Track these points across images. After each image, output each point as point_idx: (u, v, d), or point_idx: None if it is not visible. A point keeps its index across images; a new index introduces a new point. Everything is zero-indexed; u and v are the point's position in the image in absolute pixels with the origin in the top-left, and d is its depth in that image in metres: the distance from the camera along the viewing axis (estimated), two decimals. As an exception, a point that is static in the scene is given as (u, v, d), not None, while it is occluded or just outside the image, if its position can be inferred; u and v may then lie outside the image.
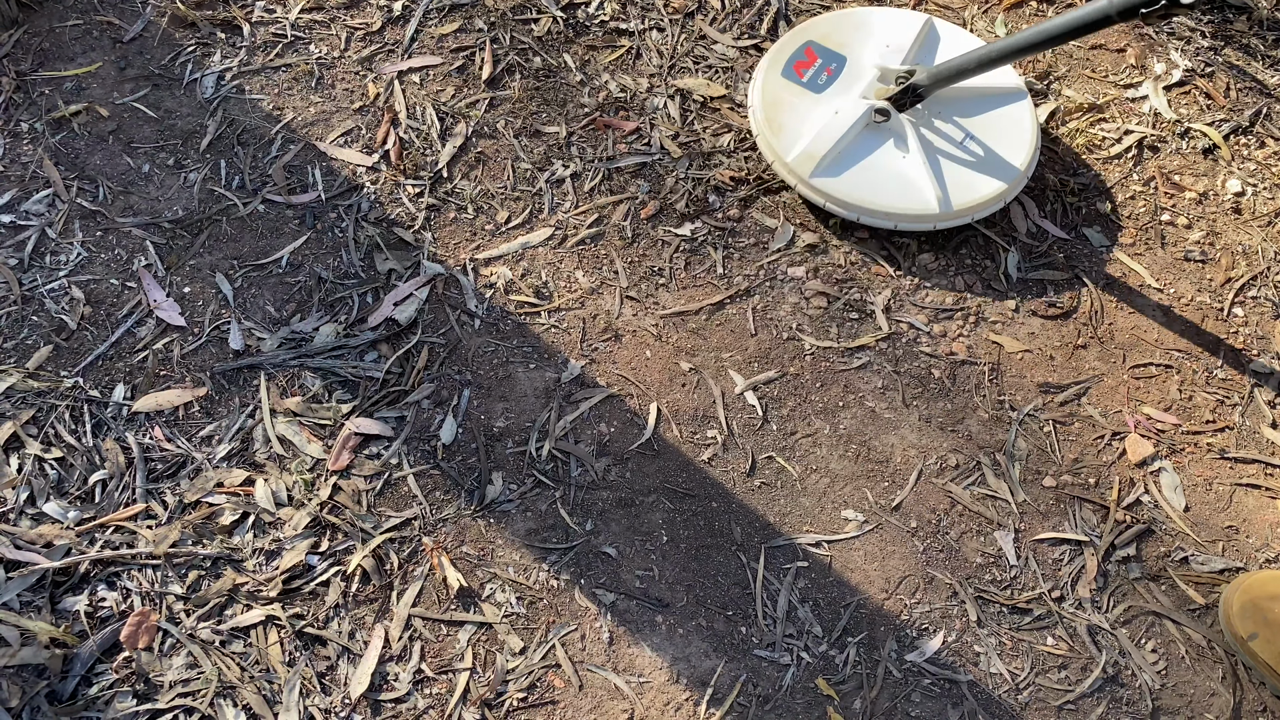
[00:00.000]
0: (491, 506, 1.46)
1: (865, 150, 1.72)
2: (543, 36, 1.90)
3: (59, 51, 1.82)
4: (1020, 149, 1.72)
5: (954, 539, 1.48)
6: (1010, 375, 1.62)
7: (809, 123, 1.74)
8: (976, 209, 1.68)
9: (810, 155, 1.70)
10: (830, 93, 1.77)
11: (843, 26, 1.85)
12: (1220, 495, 1.53)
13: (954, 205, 1.66)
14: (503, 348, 1.60)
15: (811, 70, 1.79)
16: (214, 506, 1.43)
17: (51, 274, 1.60)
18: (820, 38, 1.83)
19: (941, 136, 1.74)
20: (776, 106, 1.76)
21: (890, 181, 1.69)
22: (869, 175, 1.70)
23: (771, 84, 1.78)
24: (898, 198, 1.67)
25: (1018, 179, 1.70)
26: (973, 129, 1.75)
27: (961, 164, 1.71)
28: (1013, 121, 1.75)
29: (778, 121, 1.74)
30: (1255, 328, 1.68)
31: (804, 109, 1.76)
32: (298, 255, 1.65)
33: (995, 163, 1.71)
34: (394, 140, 1.77)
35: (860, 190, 1.68)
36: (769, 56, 1.81)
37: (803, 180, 1.70)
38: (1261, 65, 1.97)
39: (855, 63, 1.80)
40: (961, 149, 1.73)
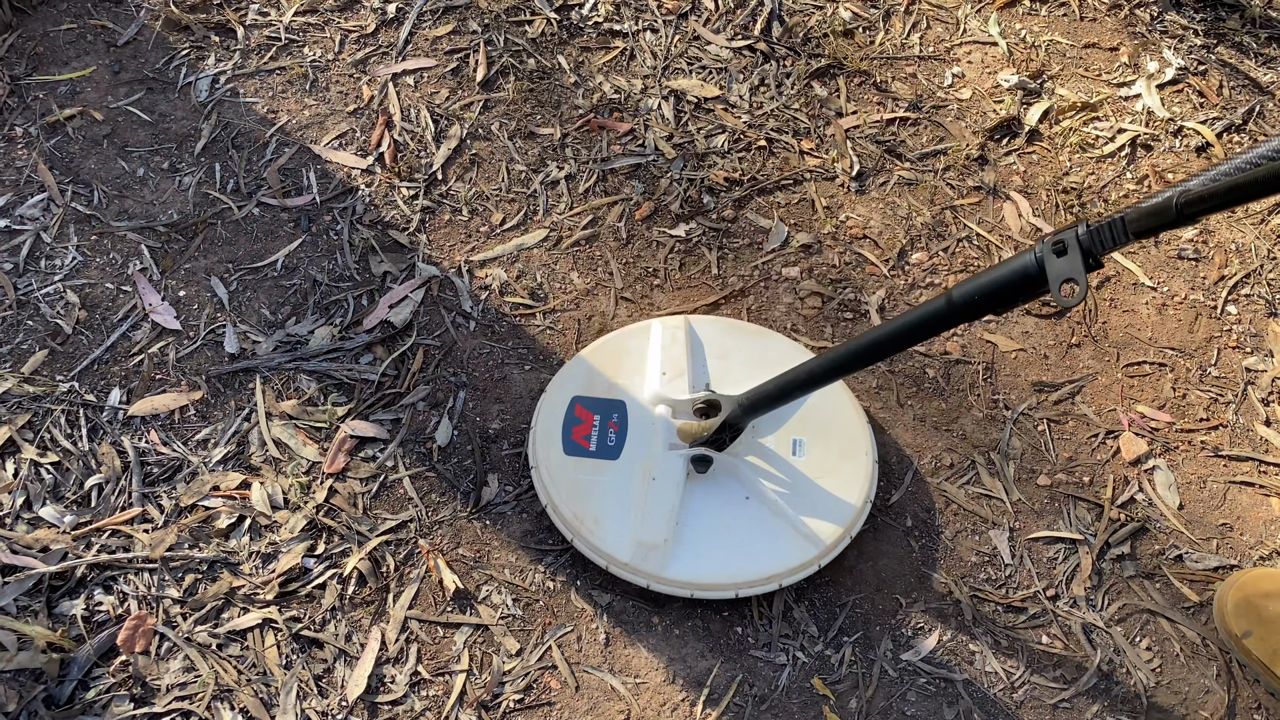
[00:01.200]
0: (487, 508, 1.46)
1: (702, 510, 1.42)
2: (537, 38, 1.90)
3: (53, 56, 1.82)
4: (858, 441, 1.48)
5: (949, 538, 1.48)
6: (1004, 374, 1.62)
7: (624, 501, 1.41)
8: (852, 528, 1.43)
9: (648, 544, 1.37)
10: (630, 453, 1.45)
11: (603, 365, 1.53)
12: (1214, 493, 1.54)
13: (826, 540, 1.40)
14: (498, 349, 1.60)
15: (595, 432, 1.46)
16: (210, 510, 1.43)
17: (46, 278, 1.60)
18: (585, 389, 1.50)
19: (772, 461, 1.46)
20: (577, 495, 1.41)
21: (751, 537, 1.40)
22: (723, 539, 1.40)
23: (560, 469, 1.43)
24: (770, 554, 1.39)
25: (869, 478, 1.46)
26: (798, 435, 1.48)
27: (807, 485, 1.45)
28: (832, 406, 1.51)
29: (588, 513, 1.40)
30: (1248, 325, 1.68)
31: (609, 485, 1.42)
32: (293, 258, 1.65)
33: (840, 469, 1.46)
34: (388, 143, 1.77)
35: (726, 561, 1.38)
36: (539, 434, 1.46)
37: (656, 578, 1.37)
38: (1254, 63, 1.97)
39: (636, 405, 1.48)
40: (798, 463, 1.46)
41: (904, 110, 1.88)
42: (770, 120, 1.85)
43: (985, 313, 1.06)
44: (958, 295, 1.06)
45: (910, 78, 1.93)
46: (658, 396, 1.48)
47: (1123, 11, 2.04)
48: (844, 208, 1.77)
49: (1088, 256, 0.96)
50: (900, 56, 1.95)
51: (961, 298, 1.05)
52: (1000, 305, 1.04)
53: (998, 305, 1.04)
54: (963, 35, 2.00)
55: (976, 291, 1.04)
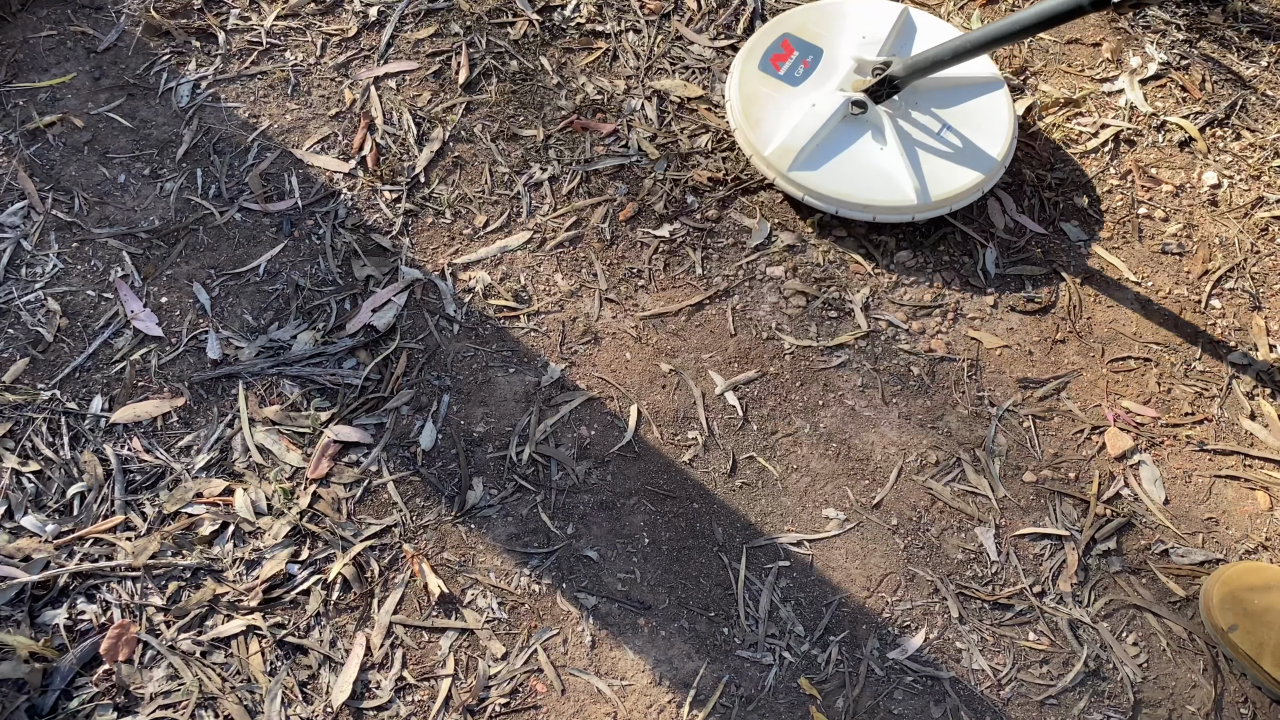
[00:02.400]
0: (472, 512, 1.46)
1: (843, 143, 1.71)
2: (519, 40, 1.90)
3: (33, 62, 1.81)
4: (997, 139, 1.72)
5: (935, 536, 1.48)
6: (989, 371, 1.62)
7: (786, 116, 1.73)
8: (954, 199, 1.68)
9: (788, 149, 1.69)
10: (807, 85, 1.76)
11: (819, 18, 1.84)
12: (1200, 487, 1.54)
13: (932, 196, 1.66)
14: (482, 352, 1.60)
15: (788, 63, 1.78)
16: (193, 517, 1.42)
17: (27, 286, 1.59)
18: (797, 30, 1.82)
19: (919, 128, 1.74)
20: (754, 100, 1.74)
21: (868, 174, 1.68)
22: (847, 168, 1.69)
23: (749, 78, 1.77)
24: (876, 190, 1.67)
25: (995, 169, 1.70)
26: (950, 119, 1.74)
27: (939, 155, 1.71)
28: (989, 112, 1.75)
29: (755, 115, 1.73)
30: (1233, 319, 1.69)
31: (781, 102, 1.75)
32: (275, 263, 1.65)
33: (972, 153, 1.71)
34: (371, 146, 1.76)
35: (838, 183, 1.68)
36: (745, 50, 1.80)
37: (781, 174, 1.69)
38: (1237, 57, 1.97)
39: (832, 55, 1.79)
40: (939, 140, 1.72)
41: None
42: (753, 119, 1.85)
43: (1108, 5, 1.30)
44: None
45: (893, 75, 1.93)
46: (851, 53, 1.77)
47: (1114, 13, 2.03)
48: (828, 206, 1.77)
49: None
50: (883, 54, 1.95)
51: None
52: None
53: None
54: (945, 32, 1.99)
55: None
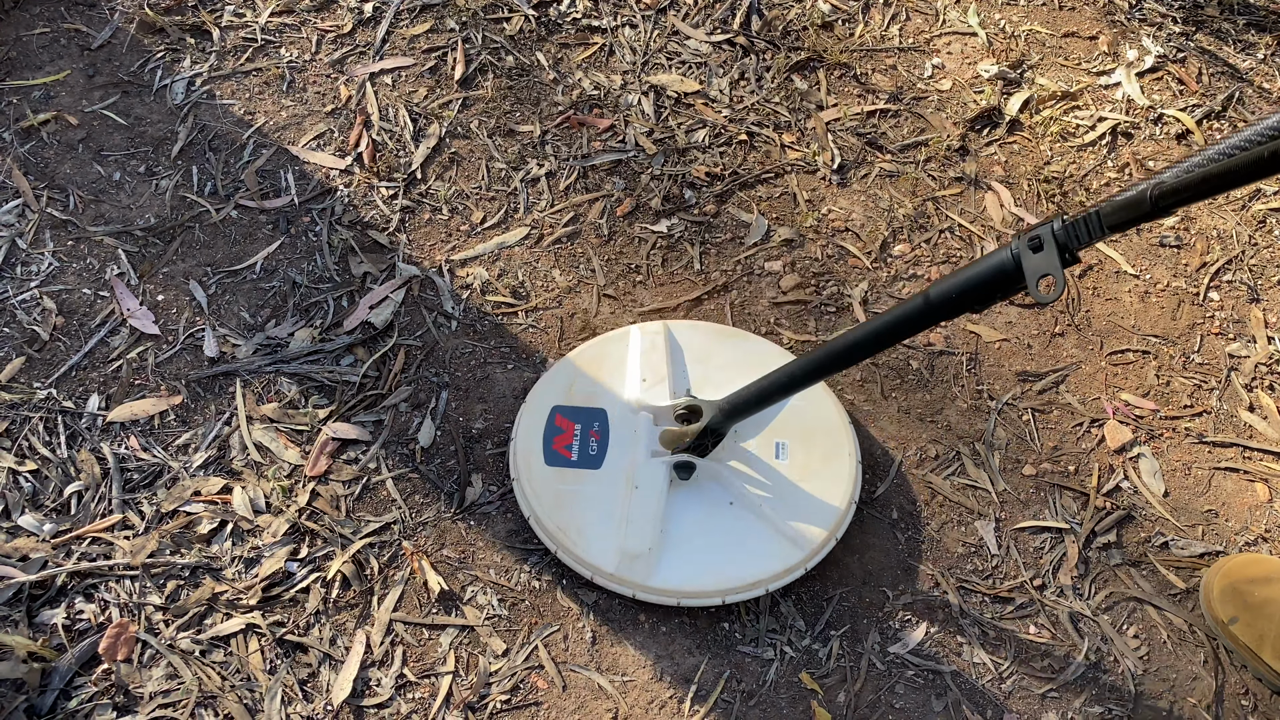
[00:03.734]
0: (471, 509, 1.46)
1: (686, 518, 1.41)
2: (515, 35, 1.89)
3: (26, 60, 1.80)
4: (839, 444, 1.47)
5: (935, 529, 1.48)
6: (988, 364, 1.62)
7: (607, 510, 1.40)
8: (837, 529, 1.42)
9: (633, 553, 1.36)
10: (612, 461, 1.44)
11: (578, 374, 1.52)
12: (1199, 479, 1.54)
13: (814, 539, 1.40)
14: (480, 348, 1.59)
15: (576, 442, 1.45)
16: (191, 515, 1.42)
17: (23, 285, 1.59)
18: (563, 399, 1.49)
19: (755, 465, 1.45)
20: (559, 505, 1.40)
21: (737, 543, 1.39)
22: (708, 546, 1.39)
23: (541, 480, 1.42)
24: (757, 559, 1.38)
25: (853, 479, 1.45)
26: (780, 438, 1.48)
27: (791, 491, 1.44)
28: (813, 407, 1.51)
29: (572, 524, 1.39)
30: (1231, 311, 1.69)
31: (593, 494, 1.41)
32: (271, 260, 1.64)
33: (823, 471, 1.45)
34: (367, 142, 1.76)
35: (712, 569, 1.37)
36: (519, 448, 1.45)
37: (642, 587, 1.36)
38: (1233, 50, 1.97)
39: (617, 413, 1.47)
40: (781, 466, 1.45)
41: (884, 102, 1.88)
42: (751, 114, 1.85)
43: (963, 310, 1.05)
44: (935, 294, 1.05)
45: (890, 70, 1.93)
46: (639, 403, 1.47)
47: (1100, 0, 2.04)
48: (825, 200, 1.76)
49: (1064, 251, 0.95)
50: (880, 49, 1.95)
51: (939, 296, 1.05)
52: (978, 302, 1.04)
53: (975, 302, 1.04)
54: (942, 26, 1.99)
55: (954, 290, 1.04)
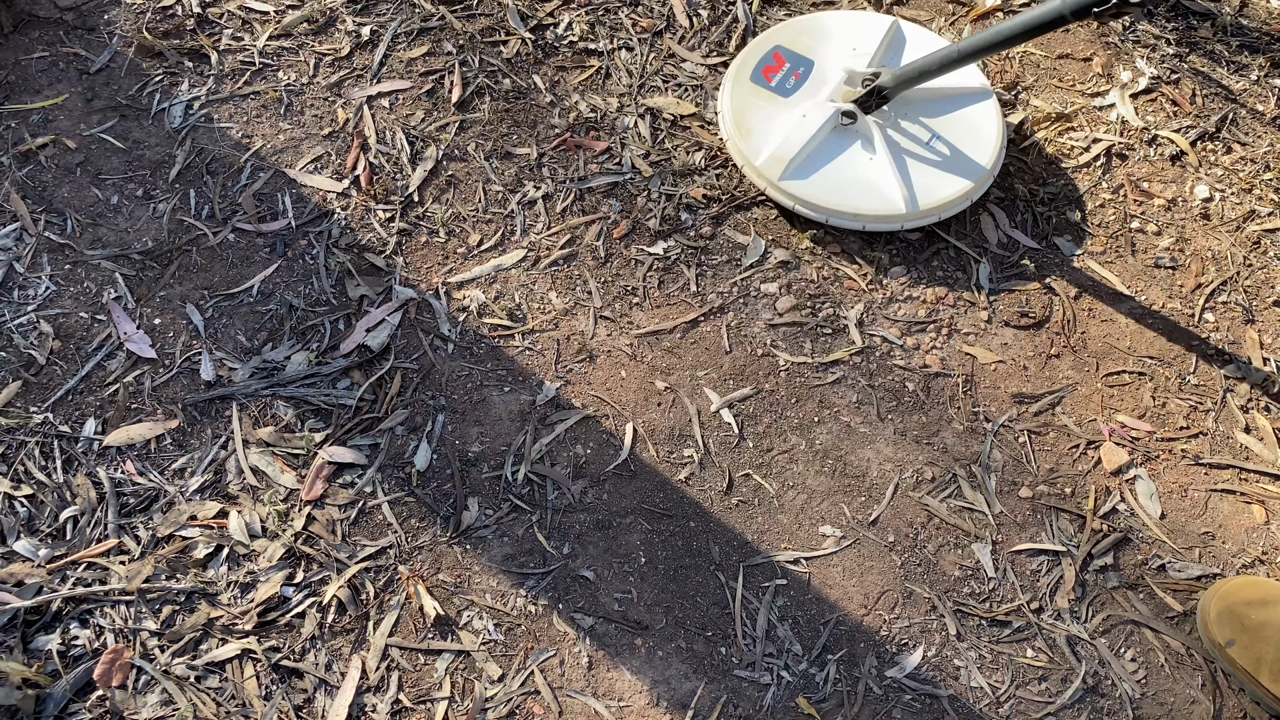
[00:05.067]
0: (468, 533, 1.46)
1: (833, 152, 1.73)
2: (512, 58, 1.90)
3: (25, 84, 1.81)
4: (985, 148, 1.74)
5: (932, 552, 1.48)
6: (984, 386, 1.62)
7: (777, 126, 1.75)
8: (943, 208, 1.70)
9: (779, 158, 1.71)
10: (798, 96, 1.79)
11: (810, 31, 1.86)
12: (1196, 502, 1.54)
13: (920, 205, 1.68)
14: (477, 371, 1.59)
15: (780, 75, 1.80)
16: (187, 540, 1.42)
17: (20, 309, 1.59)
18: (788, 42, 1.84)
19: (908, 137, 1.76)
20: (745, 111, 1.77)
21: (858, 183, 1.70)
22: (837, 177, 1.71)
23: (740, 89, 1.79)
24: (865, 199, 1.69)
25: (983, 178, 1.72)
26: (939, 129, 1.76)
27: (928, 164, 1.73)
28: (977, 122, 1.77)
29: (747, 126, 1.76)
30: (1226, 333, 1.69)
31: (772, 113, 1.77)
32: (268, 283, 1.64)
33: (961, 162, 1.73)
34: (364, 165, 1.76)
35: (828, 192, 1.69)
36: (738, 62, 1.82)
37: (772, 183, 1.71)
38: (1226, 71, 1.98)
39: (822, 66, 1.82)
40: (928, 149, 1.74)
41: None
42: (746, 136, 1.85)
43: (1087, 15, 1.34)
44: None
45: (885, 91, 1.93)
46: (842, 64, 1.80)
47: (1095, 22, 2.05)
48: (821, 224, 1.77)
49: None
50: (875, 70, 1.96)
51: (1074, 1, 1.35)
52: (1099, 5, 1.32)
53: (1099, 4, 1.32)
54: (937, 48, 2.00)
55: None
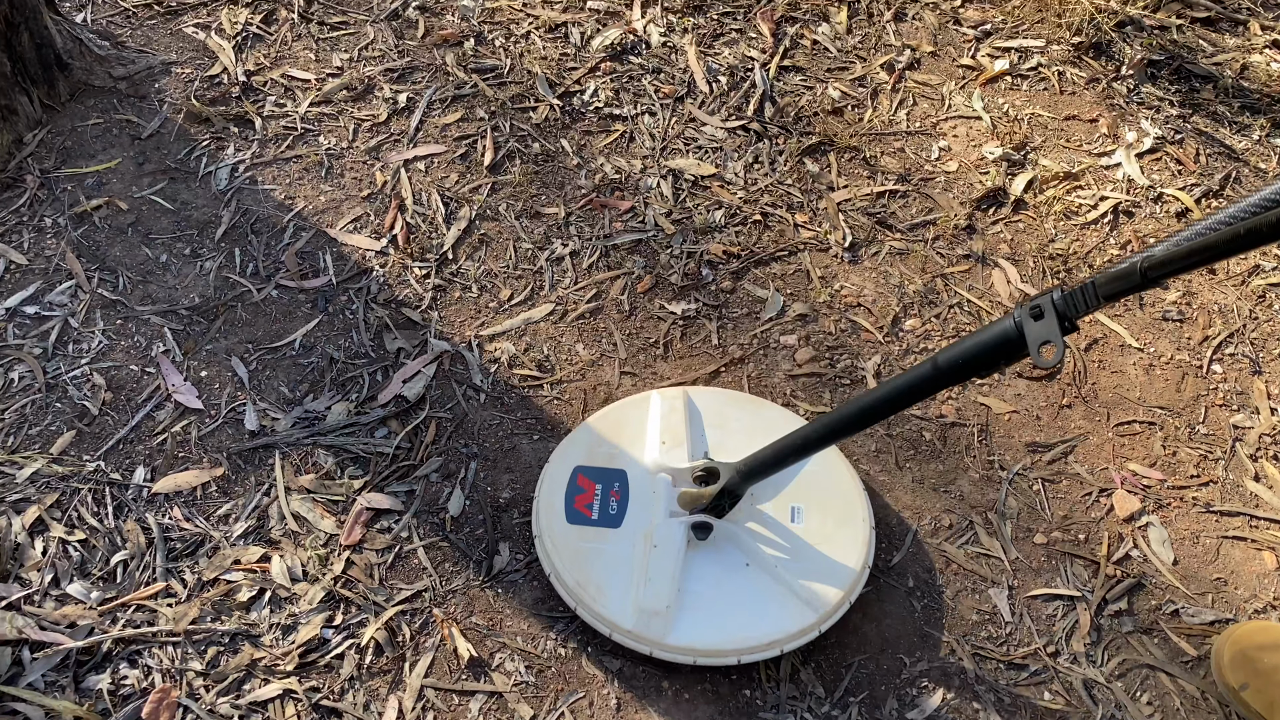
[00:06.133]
0: (499, 577, 1.51)
1: (703, 577, 1.45)
2: (541, 124, 2.00)
3: (81, 149, 1.91)
4: (854, 509, 1.52)
5: (950, 597, 1.52)
6: (999, 436, 1.67)
7: (626, 569, 1.45)
8: (851, 592, 1.45)
9: (651, 611, 1.40)
10: (631, 520, 1.49)
11: (599, 436, 1.58)
12: (1208, 548, 1.58)
13: (831, 600, 1.43)
14: (507, 420, 1.66)
15: (597, 501, 1.50)
16: (232, 584, 1.48)
17: (74, 362, 1.67)
18: (585, 459, 1.55)
19: (771, 526, 1.50)
20: (579, 562, 1.45)
21: (753, 603, 1.43)
22: (725, 606, 1.43)
23: (561, 536, 1.47)
24: (773, 619, 1.41)
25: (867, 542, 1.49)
26: (796, 502, 1.52)
27: (809, 555, 1.48)
28: (828, 472, 1.55)
29: (591, 580, 1.43)
30: (1234, 383, 1.74)
31: (612, 552, 1.46)
32: (310, 337, 1.72)
33: (838, 534, 1.50)
34: (401, 225, 1.85)
35: (728, 629, 1.41)
36: (542, 503, 1.51)
37: (659, 645, 1.40)
38: (1229, 131, 2.05)
39: (637, 473, 1.53)
40: (800, 530, 1.50)
41: (893, 183, 1.96)
42: (765, 195, 1.93)
43: (970, 376, 1.11)
44: (943, 360, 1.11)
45: (898, 152, 2.01)
46: (658, 465, 1.52)
47: (1101, 84, 2.13)
48: (838, 277, 1.84)
49: (1063, 320, 1.01)
50: (888, 132, 2.04)
51: (946, 362, 1.11)
52: (984, 368, 1.09)
53: (981, 368, 1.09)
54: (948, 111, 2.09)
55: (960, 356, 1.10)
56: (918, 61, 2.15)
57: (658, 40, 2.14)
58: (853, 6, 2.23)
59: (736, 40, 2.16)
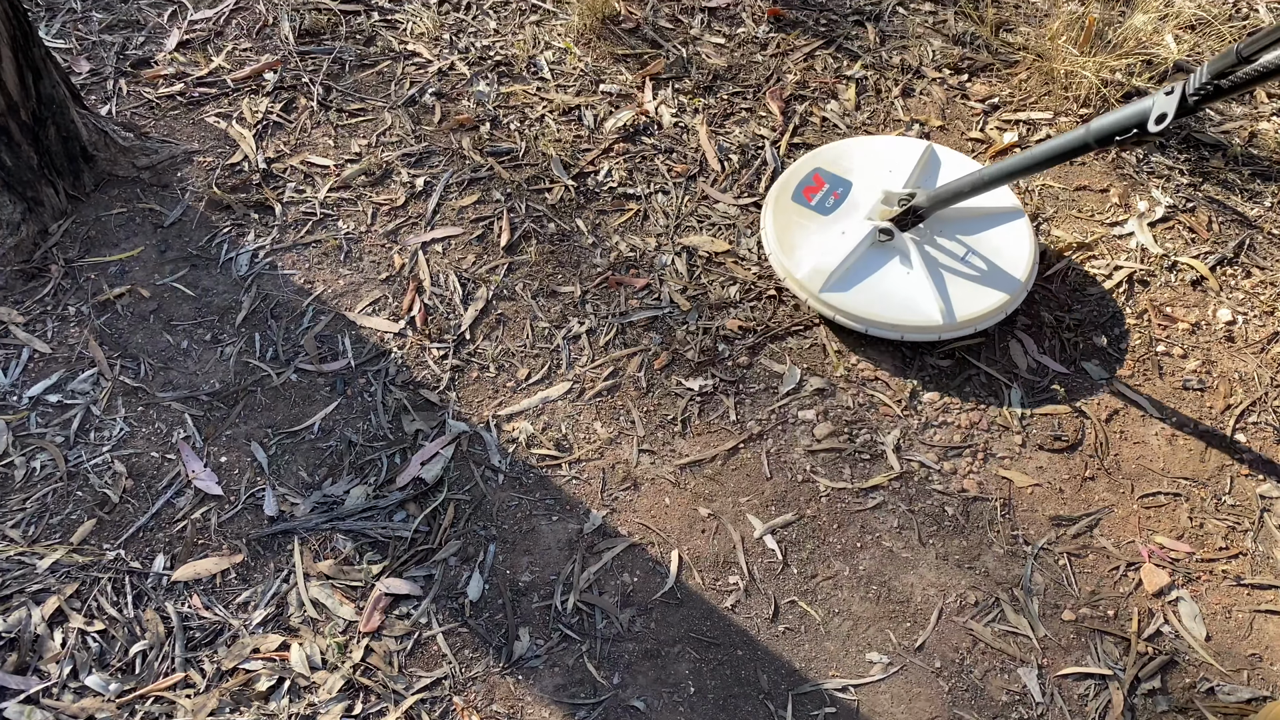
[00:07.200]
0: (519, 663, 1.49)
1: (871, 267, 1.83)
2: (556, 204, 2.02)
3: (104, 238, 1.94)
4: (1018, 264, 1.82)
5: (978, 677, 1.49)
6: (1022, 509, 1.65)
7: (818, 242, 1.86)
8: (979, 320, 1.78)
9: (819, 271, 1.81)
10: (837, 215, 1.90)
11: (848, 153, 1.99)
12: (1240, 623, 1.55)
13: (957, 317, 1.77)
14: (526, 501, 1.65)
15: (820, 194, 1.92)
16: (250, 673, 1.46)
17: (95, 449, 1.68)
18: (827, 164, 1.97)
19: (943, 253, 1.85)
20: (787, 228, 1.88)
21: (896, 296, 1.79)
22: (876, 290, 1.80)
23: (782, 207, 1.91)
24: (903, 310, 1.77)
25: (1017, 292, 1.80)
26: (973, 246, 1.86)
27: (963, 279, 1.82)
28: (1010, 240, 1.86)
29: (789, 241, 1.87)
30: (1259, 453, 1.72)
31: (813, 230, 1.88)
32: (329, 421, 1.73)
33: (995, 277, 1.82)
34: (419, 307, 1.87)
35: (868, 304, 1.78)
36: (780, 182, 1.95)
37: (813, 295, 1.80)
38: (1240, 198, 2.06)
39: (860, 187, 1.94)
40: (963, 265, 1.83)
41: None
42: (780, 271, 1.95)
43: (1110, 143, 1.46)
44: (1095, 127, 1.46)
45: (911, 225, 2.03)
46: (879, 185, 1.91)
47: (1110, 155, 2.15)
48: (854, 351, 1.84)
49: (1184, 98, 1.33)
50: (900, 206, 2.06)
51: (1098, 129, 1.46)
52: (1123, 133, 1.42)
53: (1122, 133, 1.42)
54: (958, 183, 2.10)
55: (1110, 124, 1.44)
56: (927, 135, 2.17)
57: (669, 121, 2.18)
58: (860, 83, 2.27)
59: (747, 119, 2.19)
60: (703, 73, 2.27)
